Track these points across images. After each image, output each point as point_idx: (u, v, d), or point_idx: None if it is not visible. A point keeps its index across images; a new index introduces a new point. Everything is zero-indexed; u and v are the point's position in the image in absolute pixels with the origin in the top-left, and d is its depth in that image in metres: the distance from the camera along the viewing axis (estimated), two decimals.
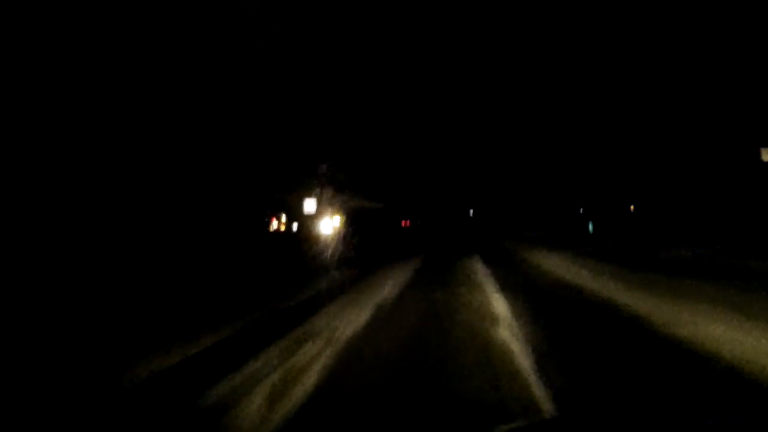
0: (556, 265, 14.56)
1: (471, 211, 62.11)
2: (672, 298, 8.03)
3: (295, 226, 41.50)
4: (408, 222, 46.99)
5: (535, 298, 8.96)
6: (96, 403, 4.09)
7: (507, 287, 10.16)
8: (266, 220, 39.44)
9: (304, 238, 28.84)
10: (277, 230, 40.37)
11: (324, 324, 6.72)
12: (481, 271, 13.52)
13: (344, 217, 36.18)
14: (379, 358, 5.16)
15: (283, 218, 41.14)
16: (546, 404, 3.78)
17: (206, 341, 5.92)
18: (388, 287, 10.45)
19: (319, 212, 33.74)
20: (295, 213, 39.82)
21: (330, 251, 21.65)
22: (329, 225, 32.99)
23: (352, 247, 22.59)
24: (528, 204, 48.40)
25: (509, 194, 53.61)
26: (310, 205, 30.95)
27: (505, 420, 3.70)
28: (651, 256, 15.81)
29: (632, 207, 25.69)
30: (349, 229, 32.12)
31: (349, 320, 6.95)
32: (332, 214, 34.13)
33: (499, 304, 8.18)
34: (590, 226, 26.20)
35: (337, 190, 36.27)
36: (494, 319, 6.93)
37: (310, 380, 4.41)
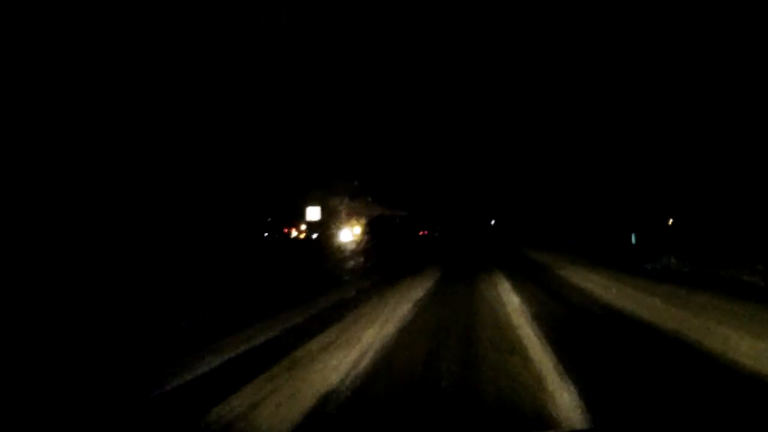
0: (607, 288, 10.22)
1: (493, 221, 61.16)
2: None
3: (315, 234, 41.30)
4: (426, 231, 46.10)
5: (605, 357, 5.50)
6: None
7: (555, 330, 6.58)
8: (286, 229, 39.35)
9: (323, 247, 28.47)
10: (297, 238, 40.18)
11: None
12: (508, 298, 9.47)
13: (364, 226, 35.82)
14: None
15: (303, 226, 40.95)
16: None
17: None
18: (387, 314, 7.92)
19: (339, 221, 33.41)
20: (314, 222, 39.66)
21: (348, 260, 21.14)
22: (349, 233, 32.62)
23: (370, 255, 22.07)
24: (553, 213, 47.15)
25: (533, 202, 52.35)
26: (313, 213, 29.23)
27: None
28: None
29: (671, 220, 23.97)
30: (369, 238, 31.68)
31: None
32: (352, 222, 33.78)
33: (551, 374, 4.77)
34: (633, 238, 21.61)
35: (358, 198, 35.95)
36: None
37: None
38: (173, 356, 5.72)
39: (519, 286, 10.73)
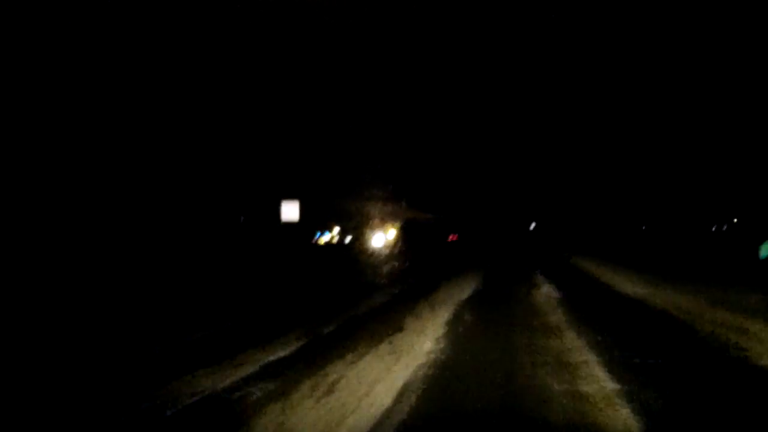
0: None
1: (532, 224, 59.30)
2: None
3: (348, 239, 40.80)
4: (456, 236, 44.56)
5: None
6: None
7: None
8: (318, 233, 39.06)
9: (356, 251, 27.91)
10: (329, 242, 39.82)
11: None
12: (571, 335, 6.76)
13: (398, 231, 35.07)
14: None
15: (335, 230, 40.60)
16: None
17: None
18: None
19: (372, 225, 32.74)
20: (348, 225, 39.17)
21: (380, 266, 20.44)
22: (381, 238, 31.93)
23: (403, 261, 21.31)
24: (603, 217, 44.58)
25: (578, 205, 50.10)
26: (290, 211, 21.77)
27: None
28: None
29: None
30: (402, 242, 30.94)
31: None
32: (386, 227, 33.11)
33: None
34: (765, 249, 15.30)
35: (392, 202, 35.26)
36: None
37: None
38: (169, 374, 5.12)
39: (575, 305, 8.67)
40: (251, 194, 27.80)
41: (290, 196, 31.77)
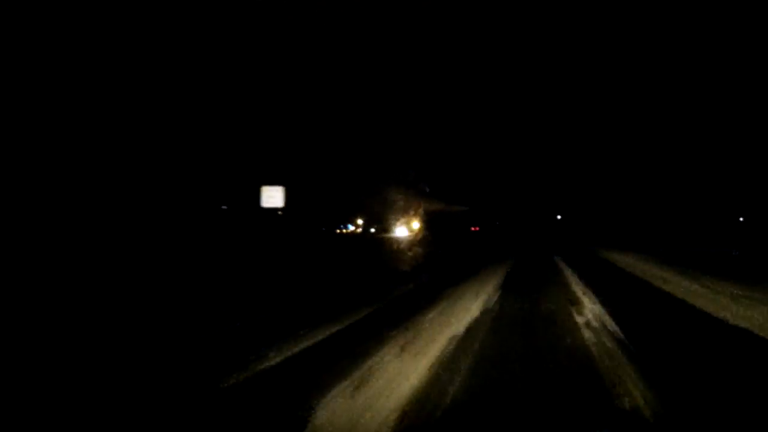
0: None
1: (558, 215, 58.50)
2: None
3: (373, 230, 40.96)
4: (477, 227, 44.16)
5: None
6: None
7: None
8: (341, 224, 39.36)
9: (380, 242, 27.99)
10: (353, 233, 40.07)
11: None
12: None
13: (423, 221, 35.04)
14: None
15: (360, 221, 40.75)
16: None
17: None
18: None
19: (396, 215, 32.80)
20: (372, 216, 39.36)
21: (404, 256, 20.49)
22: (405, 229, 31.96)
23: (427, 251, 21.30)
24: (635, 209, 43.19)
25: (608, 196, 48.96)
26: (272, 197, 18.78)
27: None
28: None
29: None
30: (426, 233, 30.90)
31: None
32: (410, 217, 33.07)
33: None
34: None
35: (417, 192, 35.20)
36: None
37: None
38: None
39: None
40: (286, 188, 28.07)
41: (316, 188, 31.97)
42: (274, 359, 5.12)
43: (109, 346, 5.82)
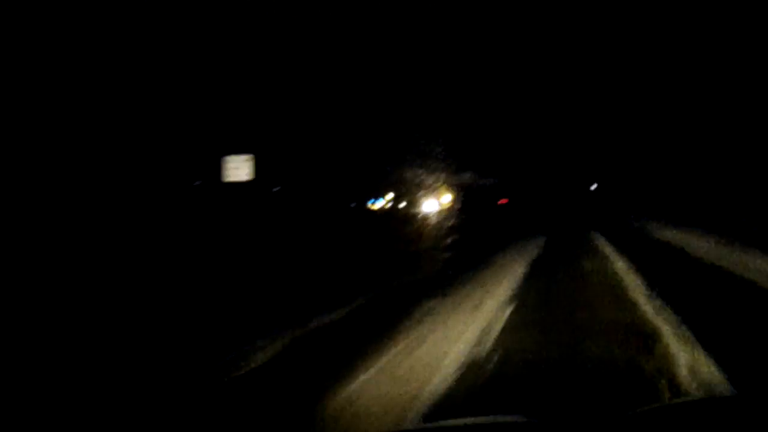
0: None
1: (593, 185, 56.62)
2: None
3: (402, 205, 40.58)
4: (506, 200, 42.71)
5: None
6: None
7: None
8: (372, 199, 39.04)
9: (405, 219, 27.60)
10: (383, 208, 39.75)
11: None
12: None
13: (453, 195, 34.46)
14: None
15: (389, 196, 40.43)
16: None
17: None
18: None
19: (424, 191, 32.22)
20: (401, 190, 38.87)
21: (432, 234, 20.14)
22: (434, 203, 31.44)
23: (453, 228, 20.82)
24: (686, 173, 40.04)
25: (651, 160, 46.21)
26: (237, 168, 16.07)
27: None
28: None
29: None
30: (457, 207, 30.39)
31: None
32: (440, 190, 32.52)
33: None
34: None
35: (447, 167, 34.55)
36: None
37: None
38: None
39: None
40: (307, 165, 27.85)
41: (343, 164, 31.68)
42: None
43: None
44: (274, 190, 28.01)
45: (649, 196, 38.84)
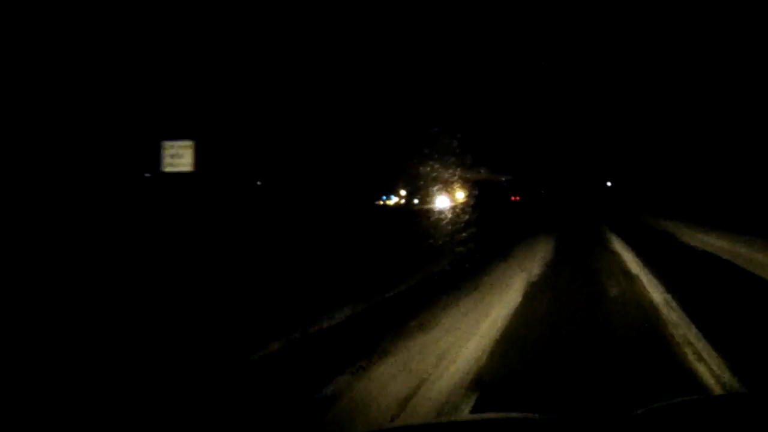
0: None
1: (609, 182, 56.31)
2: None
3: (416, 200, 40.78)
4: (518, 197, 42.76)
5: None
6: None
7: None
8: (385, 195, 39.34)
9: (418, 215, 27.82)
10: (397, 204, 39.99)
11: None
12: None
13: (466, 192, 34.53)
14: None
15: (402, 192, 40.63)
16: None
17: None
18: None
19: (437, 187, 32.36)
20: (415, 186, 39.08)
21: (443, 231, 20.30)
22: (446, 200, 31.57)
23: (465, 225, 20.98)
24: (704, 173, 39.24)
25: (670, 158, 45.15)
26: (178, 156, 13.42)
27: None
28: None
29: None
30: (471, 204, 30.45)
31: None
32: (453, 187, 32.60)
33: None
34: None
35: (461, 164, 34.60)
36: None
37: None
38: None
39: None
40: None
41: (354, 157, 31.84)
42: None
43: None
44: (258, 183, 27.86)
45: (664, 195, 38.38)
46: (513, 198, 42.89)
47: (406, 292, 7.90)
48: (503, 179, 41.19)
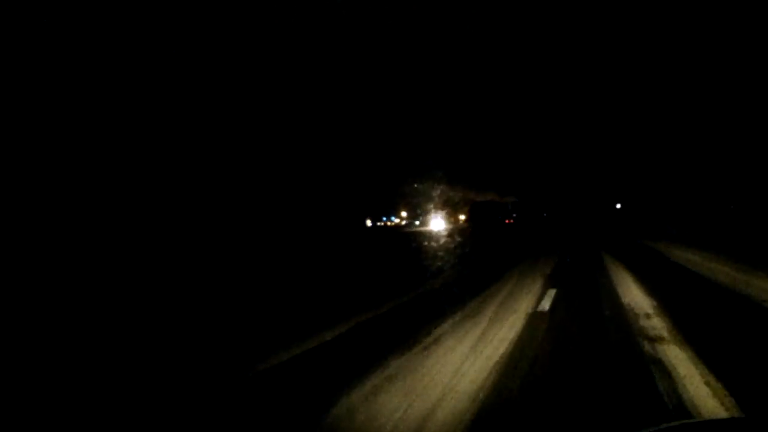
0: None
1: (618, 204, 55.50)
2: None
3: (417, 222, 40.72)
4: (511, 220, 42.24)
5: None
6: None
7: None
8: (385, 217, 39.46)
9: (420, 234, 27.81)
10: (398, 225, 40.02)
11: None
12: None
13: (466, 214, 34.44)
14: None
15: (403, 213, 40.66)
16: None
17: None
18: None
19: (435, 210, 32.39)
20: (415, 210, 39.09)
21: (440, 250, 20.25)
22: (441, 222, 31.59)
23: (458, 246, 20.92)
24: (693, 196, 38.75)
25: (679, 180, 44.09)
26: None
27: None
28: None
29: None
30: (466, 227, 30.41)
31: None
32: (450, 211, 32.64)
33: None
34: None
35: (462, 187, 34.62)
36: None
37: None
38: None
39: None
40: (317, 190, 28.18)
41: (355, 180, 32.08)
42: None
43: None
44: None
45: (680, 220, 36.51)
46: (507, 221, 42.40)
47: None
48: (509, 201, 41.04)
